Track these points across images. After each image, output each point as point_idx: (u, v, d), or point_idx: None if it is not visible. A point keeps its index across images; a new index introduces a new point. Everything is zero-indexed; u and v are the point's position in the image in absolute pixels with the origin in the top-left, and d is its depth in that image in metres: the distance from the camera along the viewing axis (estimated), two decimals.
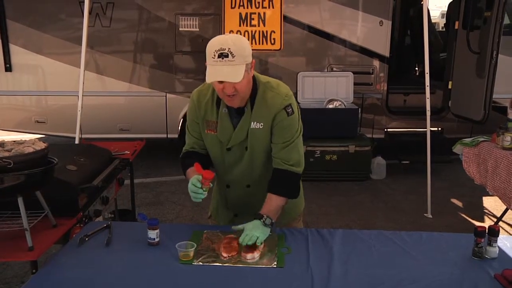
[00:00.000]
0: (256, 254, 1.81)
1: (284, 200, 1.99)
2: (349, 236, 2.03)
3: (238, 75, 1.78)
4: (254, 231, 1.86)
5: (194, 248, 1.82)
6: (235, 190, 2.12)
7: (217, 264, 1.78)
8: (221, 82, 1.82)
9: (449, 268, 1.77)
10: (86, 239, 1.96)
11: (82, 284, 1.65)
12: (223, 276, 1.70)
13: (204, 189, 1.87)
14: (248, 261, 1.79)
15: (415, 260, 1.83)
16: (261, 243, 1.85)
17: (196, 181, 1.87)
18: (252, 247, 1.83)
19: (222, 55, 1.75)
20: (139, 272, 1.73)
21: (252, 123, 1.96)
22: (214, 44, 1.79)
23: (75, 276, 1.69)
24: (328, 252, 1.88)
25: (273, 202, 1.96)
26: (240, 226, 1.92)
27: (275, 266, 1.77)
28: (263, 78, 2.00)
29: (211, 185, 1.92)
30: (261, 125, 1.96)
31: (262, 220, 1.90)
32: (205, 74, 1.81)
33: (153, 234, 1.91)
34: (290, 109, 1.95)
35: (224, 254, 1.82)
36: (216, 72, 1.79)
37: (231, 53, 1.76)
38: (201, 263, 1.78)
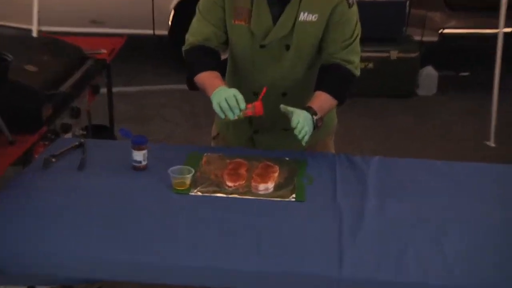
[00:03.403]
0: (270, 185, 1.84)
1: (333, 103, 2.06)
2: (388, 165, 2.07)
3: None
4: (306, 124, 1.88)
5: (191, 174, 1.85)
6: (266, 99, 2.11)
7: (220, 195, 1.81)
8: None
9: (509, 210, 1.79)
10: (53, 159, 1.99)
11: (51, 212, 1.69)
12: (228, 210, 1.74)
13: (240, 114, 1.87)
14: (260, 192, 1.82)
15: (467, 197, 1.86)
16: (306, 143, 1.88)
17: (240, 101, 1.86)
18: (265, 175, 1.86)
19: None
20: (122, 201, 1.77)
21: (302, 13, 1.97)
22: None
23: (42, 202, 1.74)
24: (362, 184, 1.91)
25: (323, 101, 2.00)
26: (290, 108, 1.93)
27: (293, 199, 1.81)
28: None
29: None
30: (315, 17, 1.98)
31: (313, 117, 1.92)
32: None
33: (139, 155, 1.94)
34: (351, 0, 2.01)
35: (229, 183, 1.85)
36: None
37: None
38: (200, 193, 1.82)
